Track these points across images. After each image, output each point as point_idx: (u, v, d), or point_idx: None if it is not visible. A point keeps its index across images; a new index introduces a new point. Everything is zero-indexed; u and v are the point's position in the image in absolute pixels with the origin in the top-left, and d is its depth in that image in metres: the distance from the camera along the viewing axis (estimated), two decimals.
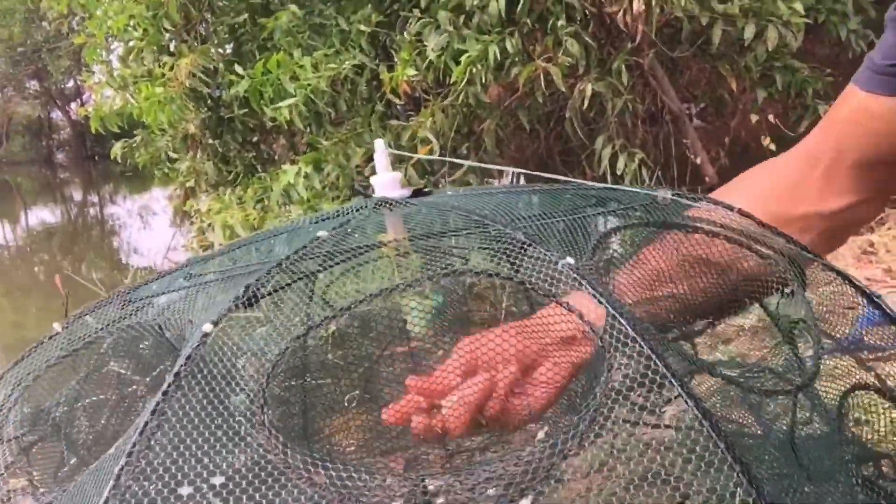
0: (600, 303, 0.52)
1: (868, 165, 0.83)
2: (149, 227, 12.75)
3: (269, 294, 0.58)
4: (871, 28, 4.73)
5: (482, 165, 4.39)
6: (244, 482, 0.48)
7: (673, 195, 0.70)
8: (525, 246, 0.58)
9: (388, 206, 0.69)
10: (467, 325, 0.90)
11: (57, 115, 20.70)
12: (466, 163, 4.17)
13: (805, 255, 0.70)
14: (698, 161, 4.87)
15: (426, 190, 0.73)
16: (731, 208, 0.68)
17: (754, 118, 4.91)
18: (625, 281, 0.67)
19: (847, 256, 2.72)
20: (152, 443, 0.48)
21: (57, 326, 0.78)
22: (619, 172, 4.25)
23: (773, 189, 0.87)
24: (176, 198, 6.63)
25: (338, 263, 0.65)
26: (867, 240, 2.87)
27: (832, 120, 0.86)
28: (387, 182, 0.72)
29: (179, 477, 0.47)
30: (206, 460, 0.48)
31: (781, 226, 0.80)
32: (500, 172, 4.71)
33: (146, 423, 0.49)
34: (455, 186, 4.57)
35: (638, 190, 0.67)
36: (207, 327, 0.53)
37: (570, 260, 0.56)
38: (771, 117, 4.91)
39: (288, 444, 0.52)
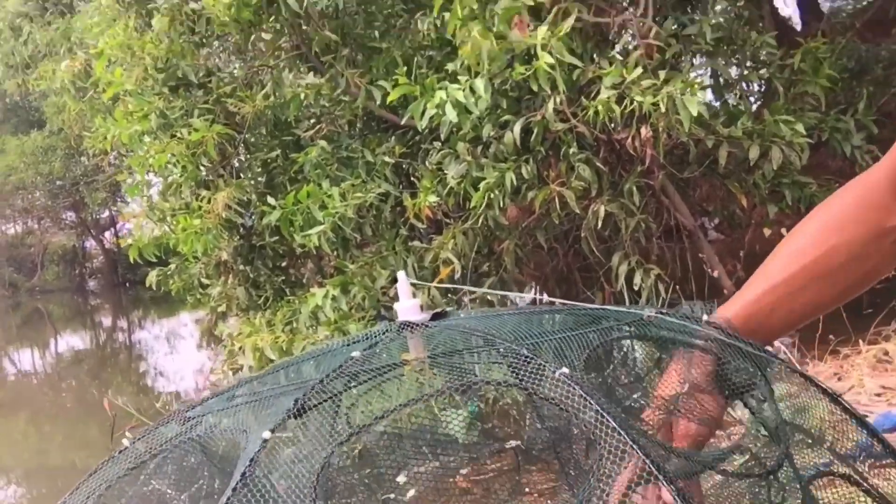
0: (589, 405, 0.63)
1: None
2: (175, 352, 12.94)
3: (317, 406, 0.69)
4: (874, 144, 4.89)
5: (490, 292, 4.54)
6: None
7: (657, 313, 0.81)
8: (528, 359, 0.70)
9: (410, 328, 0.81)
10: (494, 439, 0.98)
11: (91, 243, 21.39)
12: (480, 290, 4.32)
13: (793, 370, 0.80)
14: (716, 275, 4.96)
15: (444, 312, 0.86)
16: (698, 321, 0.78)
17: (768, 231, 5.02)
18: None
19: (862, 365, 2.77)
20: None
21: (126, 441, 0.88)
22: (636, 288, 4.35)
23: (860, 206, 0.82)
24: (206, 322, 6.81)
25: (370, 378, 0.76)
26: (882, 348, 2.92)
27: None
28: (409, 308, 0.84)
29: None
30: None
31: (875, 240, 0.80)
32: (520, 291, 4.84)
33: None
34: (475, 306, 4.70)
35: (625, 309, 0.79)
36: (266, 434, 0.64)
37: (566, 370, 0.67)
38: (784, 231, 5.01)
39: None
